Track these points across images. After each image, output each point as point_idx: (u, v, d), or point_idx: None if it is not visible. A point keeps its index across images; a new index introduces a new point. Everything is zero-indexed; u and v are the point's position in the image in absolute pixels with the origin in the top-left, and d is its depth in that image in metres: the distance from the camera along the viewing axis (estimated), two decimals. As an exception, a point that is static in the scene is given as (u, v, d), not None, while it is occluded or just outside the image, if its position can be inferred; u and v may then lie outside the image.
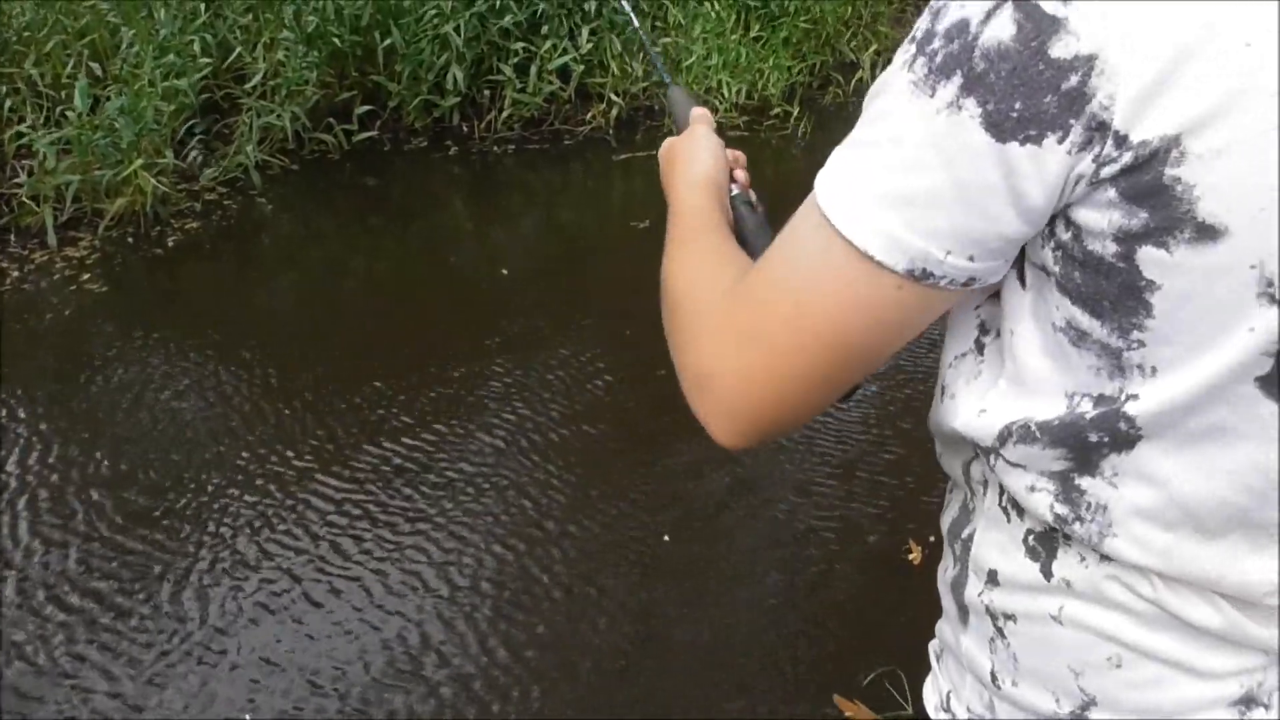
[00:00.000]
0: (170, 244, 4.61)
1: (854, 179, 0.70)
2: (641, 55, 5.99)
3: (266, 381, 3.49)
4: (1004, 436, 0.76)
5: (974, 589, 0.83)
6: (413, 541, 2.74)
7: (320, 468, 3.03)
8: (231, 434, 3.19)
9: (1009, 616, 0.81)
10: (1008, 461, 0.77)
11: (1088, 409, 0.72)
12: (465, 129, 5.75)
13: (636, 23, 1.54)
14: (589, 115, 5.96)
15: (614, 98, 5.92)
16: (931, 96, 0.66)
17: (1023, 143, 0.64)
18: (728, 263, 0.88)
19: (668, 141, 1.14)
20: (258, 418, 3.28)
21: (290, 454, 3.10)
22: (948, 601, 0.89)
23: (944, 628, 0.92)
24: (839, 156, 0.73)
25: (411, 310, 4.05)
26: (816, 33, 6.71)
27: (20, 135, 4.65)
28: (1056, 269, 0.70)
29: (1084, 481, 0.74)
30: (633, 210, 4.97)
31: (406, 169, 5.42)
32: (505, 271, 4.38)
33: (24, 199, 4.58)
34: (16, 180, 4.63)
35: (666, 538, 2.76)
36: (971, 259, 0.69)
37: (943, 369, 0.86)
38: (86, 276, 4.32)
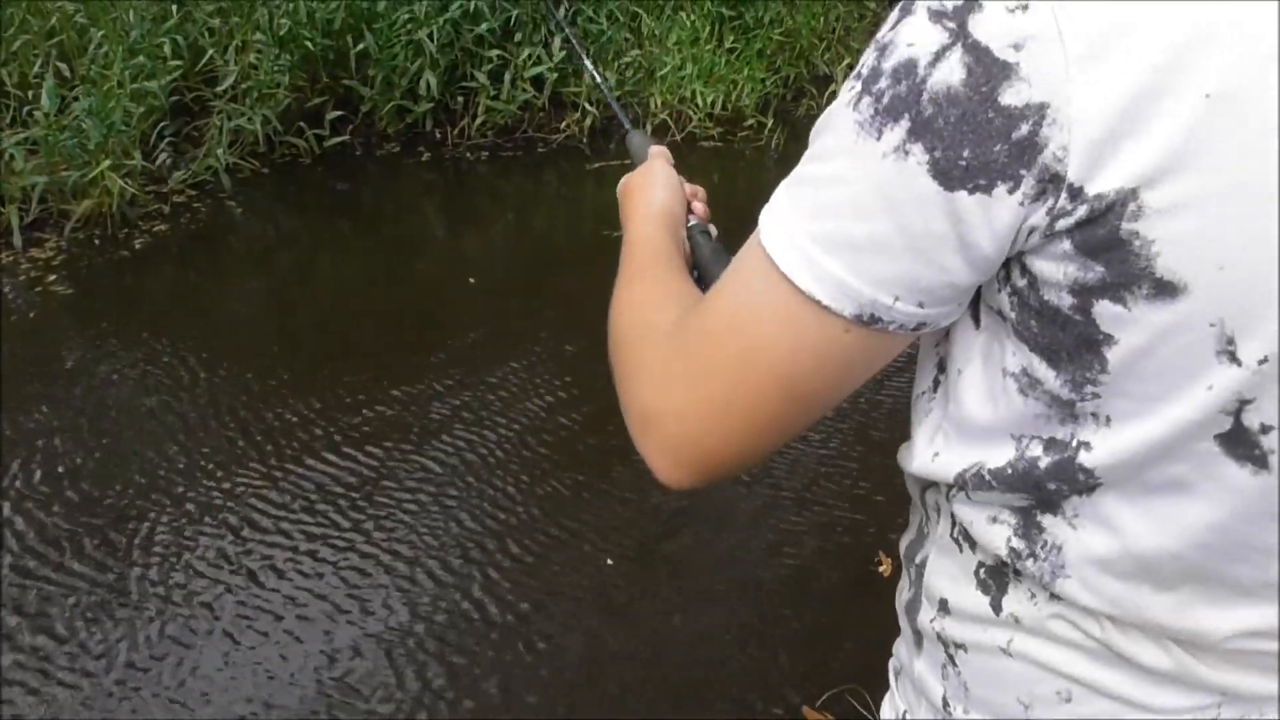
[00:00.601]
0: (137, 246, 4.56)
1: (797, 219, 0.68)
2: (615, 64, 6.00)
3: (226, 389, 3.46)
4: (960, 482, 0.75)
5: (926, 615, 0.83)
6: (350, 561, 2.72)
7: (265, 483, 3.01)
8: (184, 443, 3.16)
9: (959, 646, 0.80)
10: (967, 496, 0.76)
11: (1038, 453, 0.71)
12: (438, 135, 5.74)
13: (594, 71, 1.54)
14: (563, 124, 5.96)
15: (588, 106, 5.93)
16: (878, 139, 0.64)
17: (971, 191, 0.61)
18: (675, 298, 0.86)
19: (626, 176, 1.13)
20: (211, 427, 3.25)
21: (235, 468, 3.07)
22: (904, 623, 0.89)
23: (900, 648, 0.91)
24: (782, 194, 0.71)
25: (377, 317, 4.03)
26: (791, 45, 6.75)
27: (-15, 135, 4.60)
28: (1012, 315, 0.68)
29: (1045, 519, 0.73)
30: (605, 219, 4.96)
31: (378, 174, 5.40)
32: (473, 280, 4.36)
33: (-11, 200, 4.53)
34: (-19, 180, 4.56)
35: (618, 557, 2.76)
36: (921, 305, 0.67)
37: (912, 402, 0.85)
38: (52, 278, 4.27)
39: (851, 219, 0.65)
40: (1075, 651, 0.75)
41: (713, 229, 1.09)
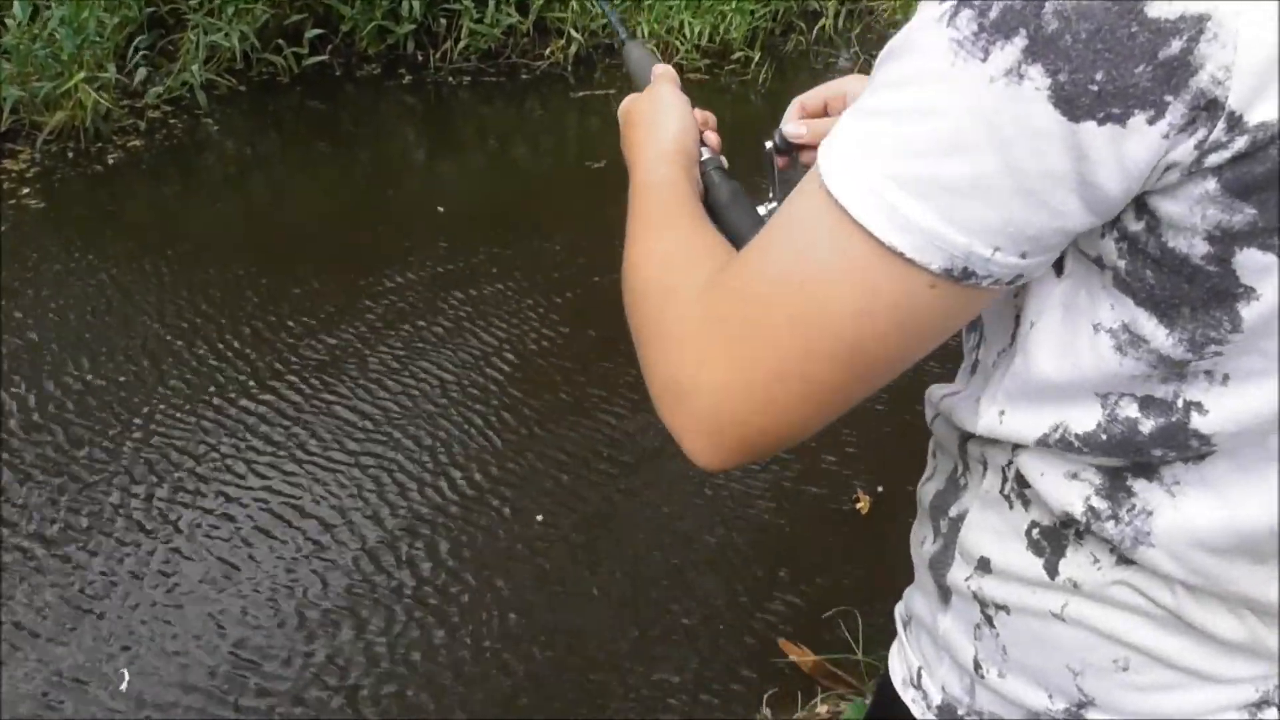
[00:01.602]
0: (111, 162, 4.49)
1: (874, 158, 0.58)
2: (603, -9, 5.89)
3: (193, 306, 3.43)
4: (1042, 443, 0.67)
5: (960, 572, 0.76)
6: (294, 487, 2.73)
7: (224, 402, 3.00)
8: (152, 356, 3.15)
9: (1000, 607, 0.74)
10: (1040, 449, 0.69)
11: (1135, 415, 0.64)
12: (420, 58, 5.64)
13: None
14: (548, 50, 5.86)
15: (574, 33, 5.83)
16: (983, 60, 0.54)
17: (1101, 122, 0.52)
18: (705, 252, 0.76)
19: (628, 100, 1.02)
20: (176, 344, 3.24)
21: (198, 385, 3.06)
22: (924, 577, 0.82)
23: (916, 600, 0.85)
24: (850, 130, 0.60)
25: (348, 241, 3.98)
26: (781, -23, 6.65)
27: (-45, 42, 4.49)
28: (1120, 263, 0.59)
29: (1137, 484, 0.66)
30: (588, 150, 4.92)
31: (357, 96, 5.32)
32: (441, 209, 4.31)
33: (-41, 109, 4.44)
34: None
35: (588, 489, 2.78)
36: (1024, 255, 0.58)
37: (966, 345, 0.77)
38: (25, 191, 4.21)
39: (946, 157, 0.56)
40: (1138, 618, 0.70)
41: (724, 161, 0.99)
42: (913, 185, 0.56)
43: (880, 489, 2.80)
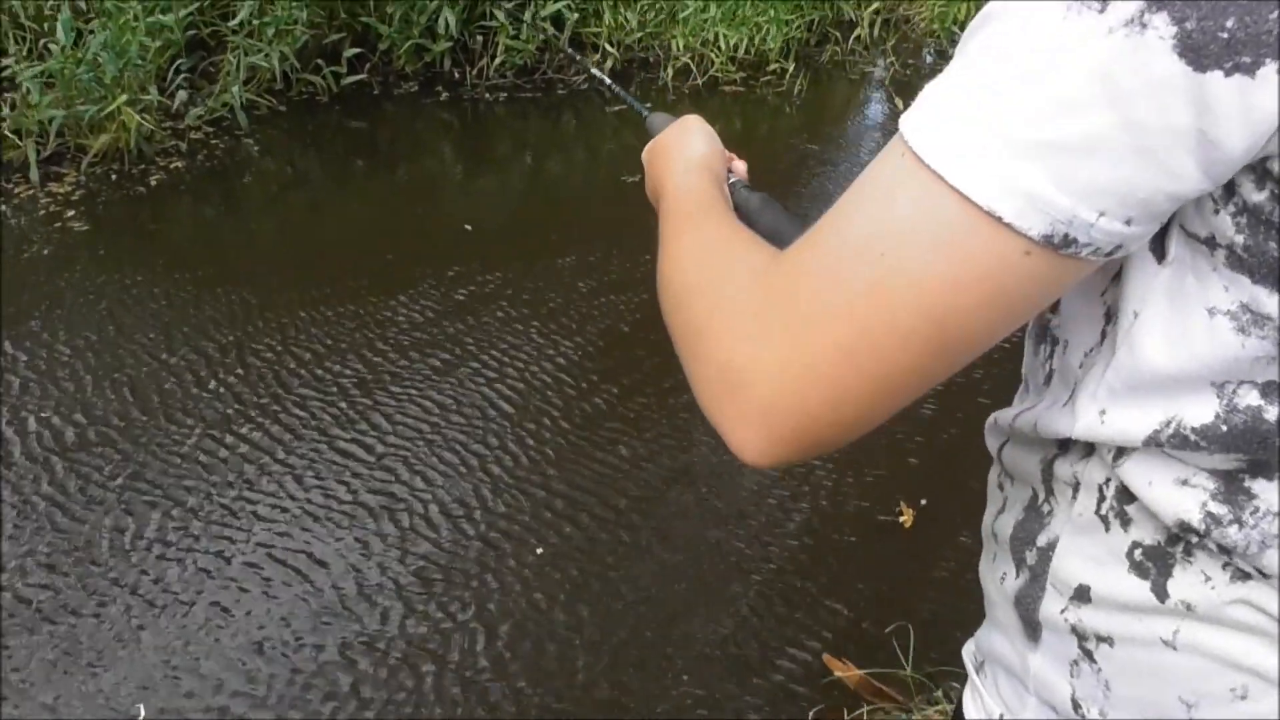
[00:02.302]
0: (154, 183, 4.55)
1: (973, 119, 0.55)
2: (637, 4, 5.90)
3: (235, 325, 3.46)
4: (1152, 442, 0.63)
5: (1054, 605, 0.71)
6: (343, 493, 2.73)
7: (265, 418, 3.02)
8: (194, 375, 3.17)
9: (1102, 639, 0.69)
10: (1164, 452, 0.64)
11: (1258, 403, 0.59)
12: (457, 75, 5.68)
13: (600, 74, 1.43)
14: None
15: (608, 48, 5.85)
16: (1100, 12, 0.51)
17: (1229, 73, 0.49)
18: (754, 242, 0.73)
19: (653, 140, 1.03)
20: (219, 362, 3.26)
21: (238, 404, 3.08)
22: (1005, 614, 0.77)
23: (994, 640, 0.80)
24: (945, 92, 0.57)
25: (385, 260, 4.00)
26: (816, -13, 6.63)
27: (2, 68, 4.57)
28: (1238, 239, 0.56)
29: (1256, 484, 0.62)
30: (623, 164, 4.92)
31: (395, 114, 5.36)
32: (470, 227, 4.32)
33: (6, 132, 4.51)
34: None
35: (623, 502, 2.76)
36: (1129, 222, 0.54)
37: (1035, 360, 0.74)
38: (70, 214, 4.27)
39: (1057, 114, 0.52)
40: (1257, 640, 0.64)
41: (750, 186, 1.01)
42: (1018, 145, 0.53)
43: (923, 502, 2.76)
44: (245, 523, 2.60)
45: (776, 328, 0.61)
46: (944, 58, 6.83)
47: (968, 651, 0.86)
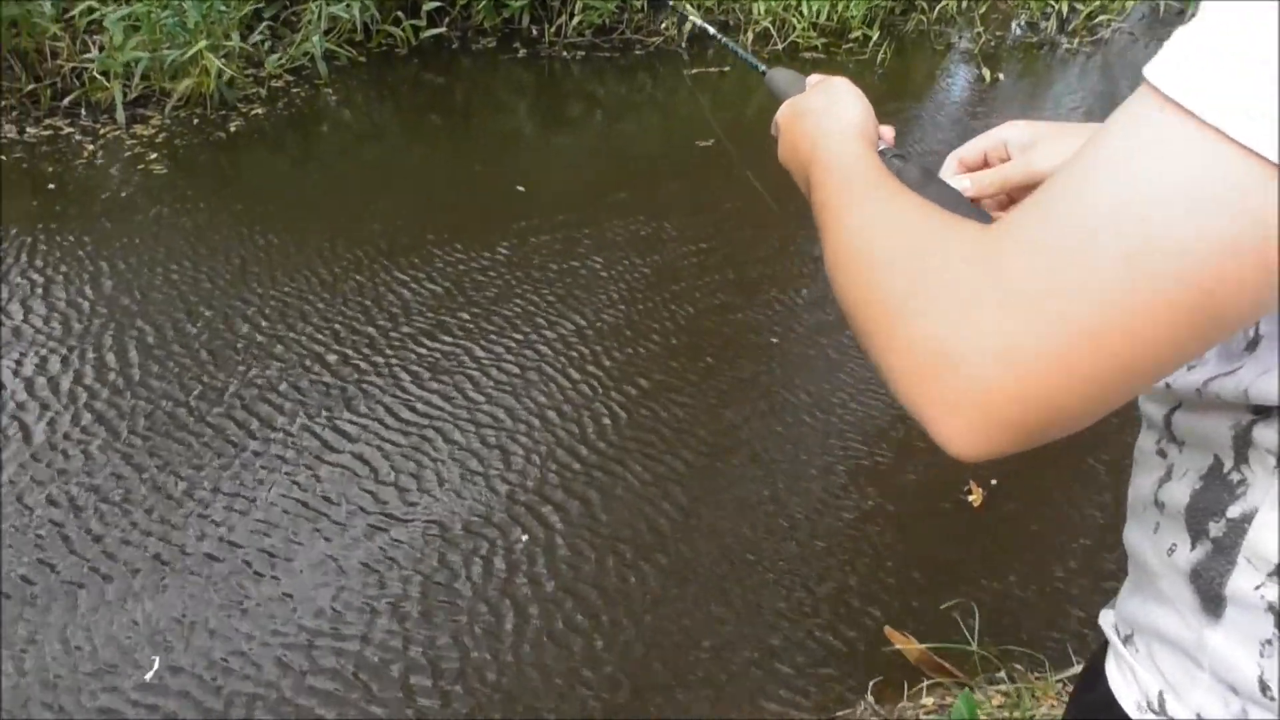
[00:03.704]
0: (233, 129, 4.60)
1: (1248, 64, 0.50)
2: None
3: (303, 271, 3.49)
4: None
5: (1247, 580, 0.66)
6: (411, 436, 2.74)
7: (335, 359, 3.04)
8: (262, 319, 3.20)
9: None
10: None
11: None
12: (534, 32, 5.65)
13: (709, 27, 1.33)
14: (662, 25, 5.82)
15: (689, 8, 5.78)
16: None
17: None
18: (953, 216, 0.67)
19: (789, 102, 0.95)
20: (290, 309, 3.29)
21: (307, 346, 3.10)
22: (1175, 587, 0.72)
23: (1153, 612, 0.75)
24: (1209, 38, 0.52)
25: (456, 215, 4.01)
26: (903, -45, 6.48)
27: (91, 10, 4.64)
28: None
29: None
30: (698, 128, 4.86)
31: (472, 69, 5.35)
32: (528, 187, 4.30)
33: (95, 74, 4.59)
34: (88, 55, 4.63)
35: (681, 466, 2.74)
36: None
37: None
38: (153, 156, 4.34)
39: None
40: None
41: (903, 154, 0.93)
42: None
43: (994, 482, 2.71)
44: (308, 463, 2.63)
45: (1002, 308, 0.55)
46: (1035, 30, 6.65)
47: (1107, 621, 0.81)
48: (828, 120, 0.88)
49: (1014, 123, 0.94)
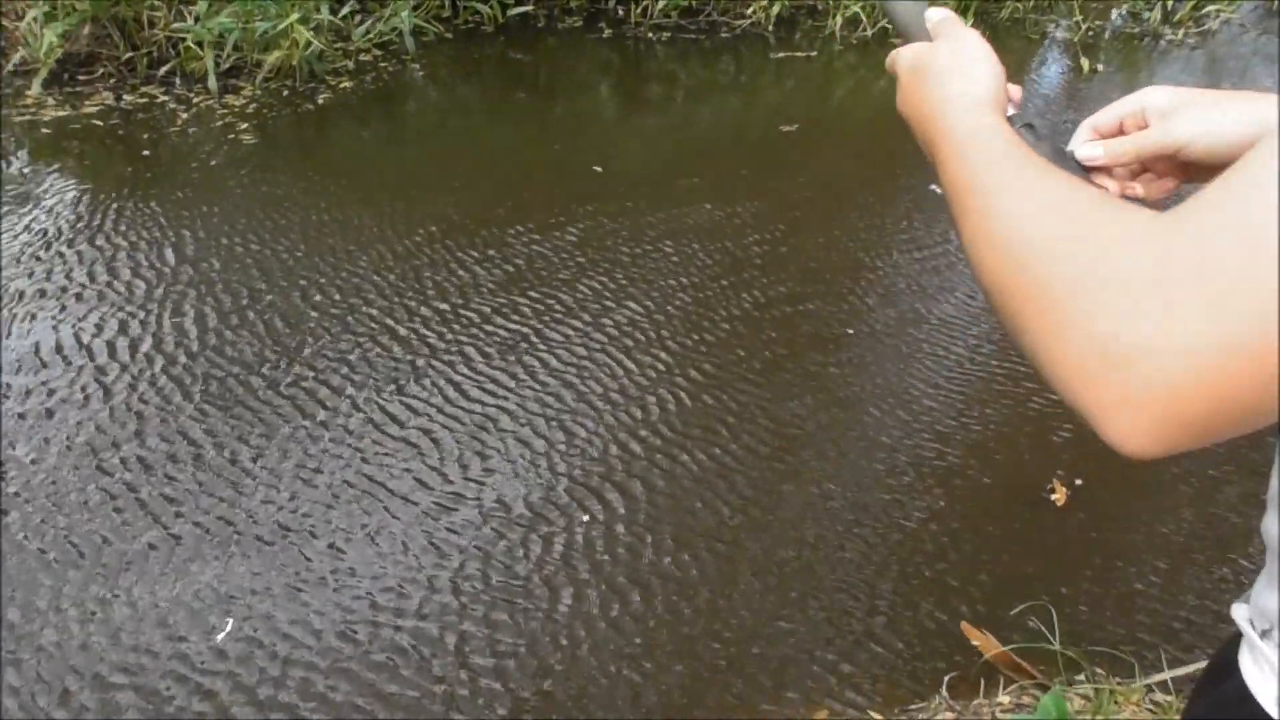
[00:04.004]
0: (321, 101, 4.66)
1: None
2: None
3: (382, 244, 3.50)
4: None
5: None
6: (485, 407, 2.73)
7: (375, 344, 3.04)
8: (338, 289, 3.23)
9: None
10: None
11: None
12: (621, 12, 5.63)
13: None
14: (749, 9, 5.75)
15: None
16: None
17: None
18: (1118, 200, 0.64)
19: (913, 50, 0.88)
20: (366, 279, 3.31)
21: (388, 315, 3.12)
22: None
23: None
24: None
25: (533, 193, 3.99)
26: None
27: (187, -20, 4.74)
28: None
29: None
30: (782, 112, 4.80)
31: (557, 48, 5.34)
32: (603, 168, 4.28)
33: (190, 44, 4.68)
34: (183, 24, 4.72)
35: (760, 456, 2.69)
36: None
37: None
38: (243, 127, 4.41)
39: None
40: None
41: (1034, 122, 0.86)
42: None
43: (1079, 482, 2.62)
44: (375, 437, 2.64)
45: (1188, 300, 0.52)
46: (1137, 20, 6.43)
47: (1241, 615, 0.77)
48: (956, 84, 0.81)
49: (1154, 88, 0.87)
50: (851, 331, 3.19)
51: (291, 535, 2.28)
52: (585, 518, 2.39)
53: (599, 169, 4.20)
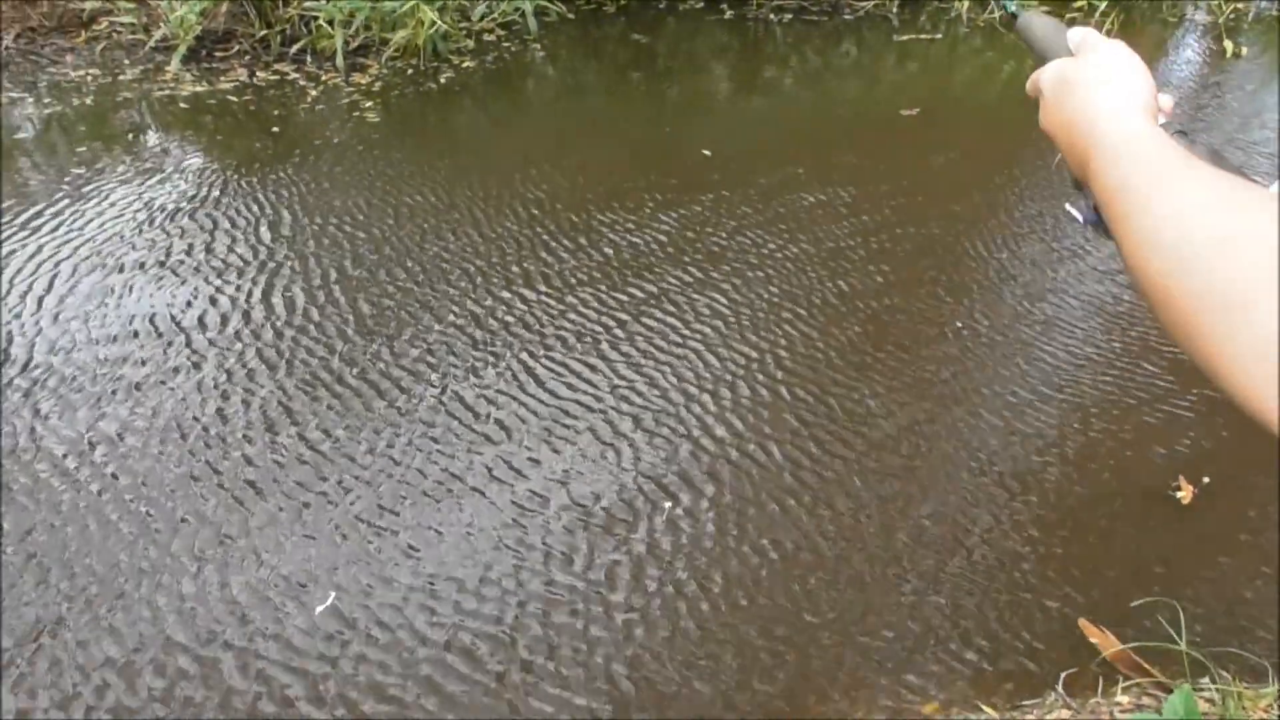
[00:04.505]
0: (444, 80, 4.74)
1: None
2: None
3: (494, 223, 3.55)
4: None
5: None
6: (607, 376, 2.74)
7: (524, 305, 3.08)
8: (455, 267, 3.28)
9: None
10: None
11: None
12: (742, -7, 5.60)
13: None
14: (873, -10, 5.66)
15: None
16: None
17: None
18: (1274, 196, 0.64)
19: (1059, 69, 0.89)
20: (463, 261, 3.35)
21: (503, 291, 3.15)
22: None
23: None
24: None
25: (641, 179, 3.99)
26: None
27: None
28: None
29: None
30: (904, 96, 4.71)
31: (677, 29, 5.34)
32: (708, 153, 4.24)
33: (321, 22, 4.81)
34: (314, 3, 4.85)
35: (873, 445, 2.66)
36: None
37: None
38: (368, 105, 4.52)
39: None
40: None
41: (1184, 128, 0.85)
42: None
43: (1206, 479, 2.52)
44: (460, 421, 2.68)
45: None
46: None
47: None
48: (1107, 95, 0.80)
49: None
50: (963, 327, 3.13)
51: (364, 526, 2.32)
52: (668, 504, 2.39)
53: (708, 153, 4.18)
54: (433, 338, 2.93)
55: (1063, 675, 1.94)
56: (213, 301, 3.01)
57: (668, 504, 2.37)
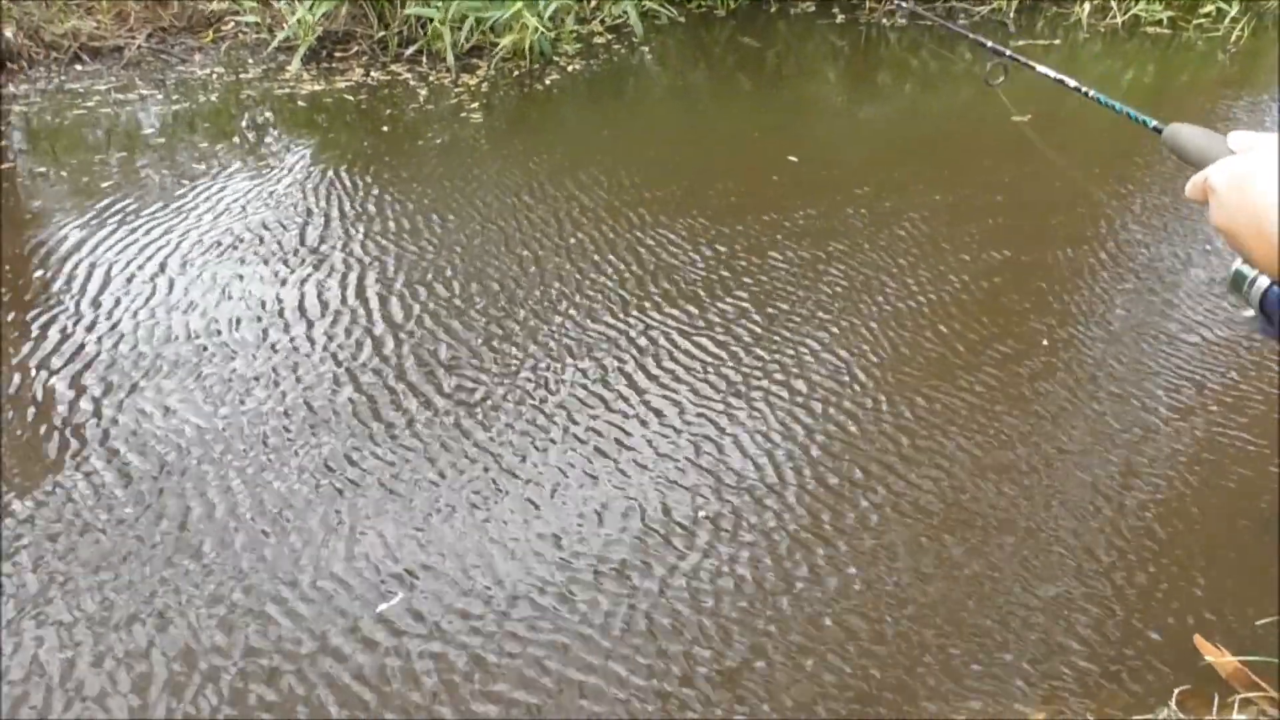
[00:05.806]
0: (549, 82, 4.78)
1: None
2: None
3: (552, 230, 3.55)
4: None
5: None
6: (693, 387, 2.71)
7: (625, 314, 3.06)
8: (555, 270, 3.29)
9: None
10: None
11: None
12: (855, -2, 5.53)
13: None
14: (989, -4, 5.53)
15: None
16: None
17: None
18: None
19: (1232, 165, 0.88)
20: (585, 261, 3.36)
21: (601, 299, 3.15)
22: None
23: None
24: None
25: (756, 181, 3.96)
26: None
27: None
28: None
29: None
30: (1016, 104, 4.58)
31: (787, 33, 5.30)
32: (794, 158, 4.17)
33: (437, 24, 4.91)
34: (421, 9, 4.95)
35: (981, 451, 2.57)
36: None
37: None
38: (474, 105, 4.59)
39: None
40: None
41: None
42: None
43: (1336, 499, 2.37)
44: (595, 403, 2.68)
45: None
46: None
47: None
48: None
49: None
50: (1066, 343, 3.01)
51: (456, 515, 2.34)
52: (765, 517, 2.34)
53: (793, 158, 4.13)
54: (508, 344, 2.95)
55: (1176, 691, 1.84)
56: (304, 298, 3.07)
57: (765, 517, 2.33)
